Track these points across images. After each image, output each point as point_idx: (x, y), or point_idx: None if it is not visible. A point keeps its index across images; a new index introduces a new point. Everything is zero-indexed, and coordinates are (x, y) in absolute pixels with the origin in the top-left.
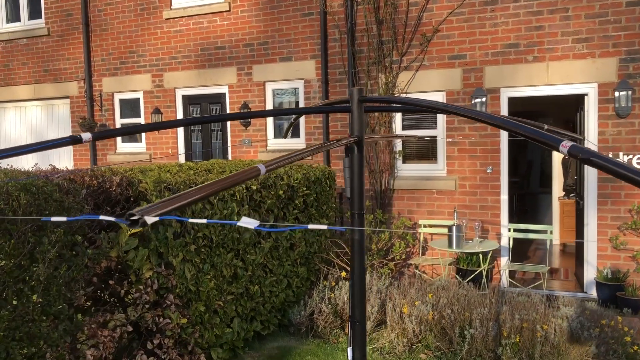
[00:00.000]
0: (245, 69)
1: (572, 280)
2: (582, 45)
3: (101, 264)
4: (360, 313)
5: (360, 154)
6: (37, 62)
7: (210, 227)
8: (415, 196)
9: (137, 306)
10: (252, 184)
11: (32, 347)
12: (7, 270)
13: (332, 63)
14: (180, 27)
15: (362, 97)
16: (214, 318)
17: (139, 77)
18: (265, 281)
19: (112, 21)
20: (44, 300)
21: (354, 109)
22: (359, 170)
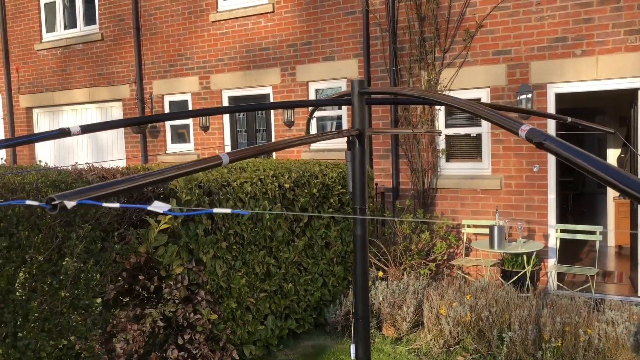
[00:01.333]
0: (289, 70)
1: (627, 284)
2: (635, 37)
3: (130, 259)
4: (363, 309)
5: (362, 147)
6: (92, 66)
7: (241, 225)
8: (459, 196)
9: (168, 301)
10: (285, 183)
11: (61, 339)
12: (37, 264)
13: (373, 61)
14: (226, 29)
15: (362, 90)
16: (246, 315)
17: (187, 79)
18: (300, 279)
19: (162, 25)
20: (73, 293)
21: (354, 101)
22: (360, 164)
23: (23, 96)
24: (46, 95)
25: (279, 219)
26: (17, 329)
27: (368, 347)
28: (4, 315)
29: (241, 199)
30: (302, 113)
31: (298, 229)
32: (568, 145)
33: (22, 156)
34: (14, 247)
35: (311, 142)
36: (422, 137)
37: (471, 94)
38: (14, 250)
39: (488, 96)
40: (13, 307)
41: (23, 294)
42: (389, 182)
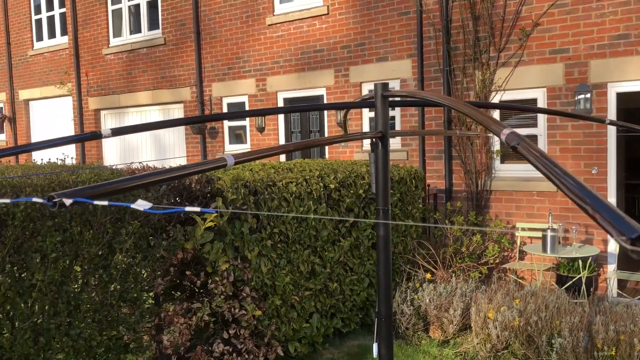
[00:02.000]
0: (342, 71)
1: None
2: None
3: (177, 255)
4: (386, 309)
5: (384, 149)
6: (155, 69)
7: (286, 224)
8: (514, 198)
9: (214, 297)
10: (331, 183)
11: (111, 329)
12: (89, 258)
13: (427, 61)
14: (282, 32)
15: (385, 92)
16: (290, 312)
17: (244, 81)
18: (346, 279)
19: (221, 29)
20: (122, 287)
21: (377, 104)
22: (383, 165)
23: (92, 98)
24: (113, 98)
25: (324, 219)
26: (70, 318)
27: (391, 347)
28: (58, 305)
29: (286, 198)
30: (355, 114)
31: (344, 229)
32: (532, 151)
33: (90, 156)
34: (68, 242)
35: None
36: (476, 138)
37: (526, 94)
38: (68, 244)
39: (544, 96)
40: (67, 298)
41: (76, 286)
42: (442, 184)
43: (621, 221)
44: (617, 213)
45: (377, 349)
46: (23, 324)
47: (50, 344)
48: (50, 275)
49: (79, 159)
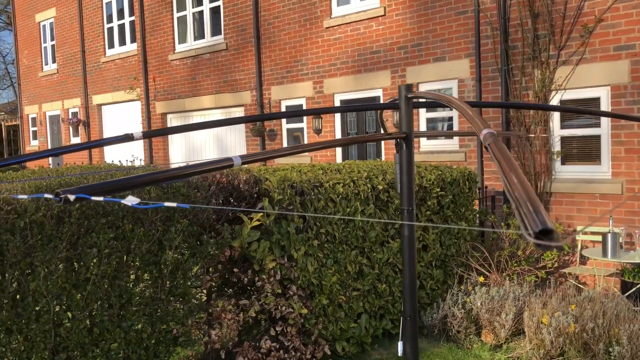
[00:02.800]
0: (399, 72)
1: None
2: None
3: (225, 253)
4: (411, 308)
5: (409, 150)
6: (218, 74)
7: (333, 224)
8: (575, 200)
9: (261, 294)
10: (379, 184)
11: (161, 323)
12: (140, 254)
13: (484, 61)
14: (339, 34)
15: (409, 94)
16: (338, 312)
17: (302, 84)
18: (395, 281)
19: (279, 33)
20: (172, 282)
21: (401, 105)
22: (407, 166)
23: (159, 103)
24: (178, 102)
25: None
26: (123, 311)
27: (416, 345)
28: (110, 298)
29: (332, 199)
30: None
31: (392, 230)
32: (498, 151)
33: (158, 157)
34: (120, 239)
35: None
36: (536, 139)
37: (588, 93)
38: (120, 241)
39: (608, 95)
40: (119, 292)
41: (128, 280)
42: (500, 185)
43: (532, 216)
44: (531, 208)
45: (402, 347)
46: (79, 315)
47: (104, 335)
48: (104, 269)
49: (147, 160)
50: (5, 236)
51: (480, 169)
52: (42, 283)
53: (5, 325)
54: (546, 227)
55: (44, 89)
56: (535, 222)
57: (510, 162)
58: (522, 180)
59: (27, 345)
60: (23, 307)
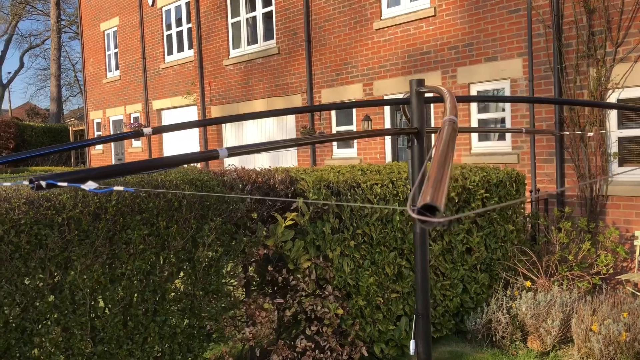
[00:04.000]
0: (450, 72)
1: None
2: None
3: (259, 252)
4: (423, 306)
5: (420, 146)
6: (270, 78)
7: (370, 225)
8: (634, 204)
9: (296, 293)
10: None
11: (194, 318)
12: (174, 250)
13: (536, 60)
14: (389, 36)
15: (420, 89)
16: (376, 314)
17: (351, 87)
18: (437, 284)
19: (330, 36)
20: (205, 279)
21: (412, 100)
22: (419, 162)
23: (214, 107)
24: (232, 106)
25: (411, 221)
26: (157, 306)
27: (429, 344)
28: (145, 293)
29: (370, 200)
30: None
31: (434, 232)
32: (445, 133)
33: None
34: (154, 235)
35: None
36: (591, 140)
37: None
38: (154, 237)
39: None
40: (153, 287)
41: (162, 276)
42: (553, 188)
43: (428, 192)
44: (432, 186)
45: (414, 346)
46: (114, 308)
47: (139, 328)
48: (138, 265)
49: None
50: (44, 231)
51: (533, 171)
52: (78, 276)
53: (43, 315)
54: (432, 204)
55: (107, 95)
56: (425, 198)
57: (447, 145)
58: (444, 162)
59: (65, 335)
60: (61, 299)
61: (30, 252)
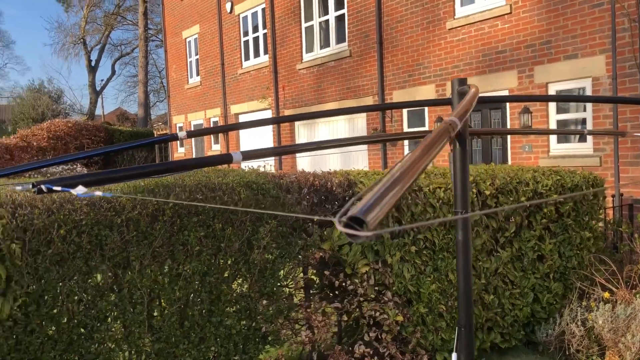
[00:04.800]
0: (526, 71)
1: None
2: None
3: (315, 255)
4: (465, 318)
5: (462, 148)
6: (342, 81)
7: (432, 230)
8: None
9: (353, 298)
10: (486, 189)
11: (249, 320)
12: (229, 252)
13: (620, 56)
14: (462, 35)
15: (461, 89)
16: (438, 321)
17: (423, 88)
18: (505, 292)
19: (402, 37)
20: (260, 281)
21: (454, 101)
22: (461, 165)
23: (287, 111)
24: (305, 110)
25: (477, 227)
26: (213, 307)
27: (471, 357)
28: (201, 294)
29: (432, 204)
30: (540, 116)
31: (502, 238)
32: (430, 137)
33: (286, 164)
34: (210, 237)
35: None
36: None
37: None
38: (210, 239)
39: None
40: (209, 288)
41: (218, 277)
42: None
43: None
44: (372, 197)
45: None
46: (170, 308)
47: (194, 328)
48: (195, 266)
49: (277, 166)
50: (104, 232)
51: (616, 175)
52: (136, 276)
53: (104, 313)
54: (359, 216)
55: (189, 100)
56: (356, 209)
57: (424, 150)
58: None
59: (124, 333)
60: (120, 297)
61: (90, 251)
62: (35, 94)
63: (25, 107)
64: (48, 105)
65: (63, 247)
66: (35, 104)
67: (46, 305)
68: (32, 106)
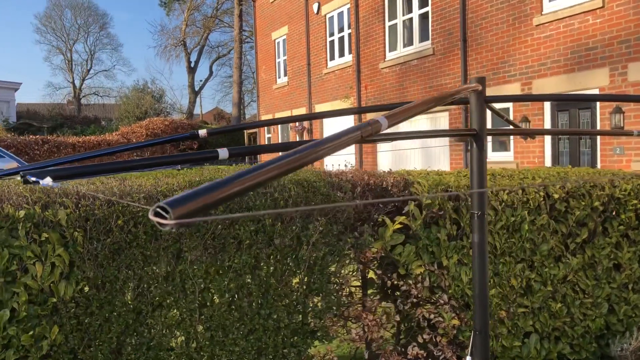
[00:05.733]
0: (619, 69)
1: None
2: None
3: (366, 254)
4: (481, 323)
5: (479, 149)
6: (424, 79)
7: (494, 234)
8: None
9: (407, 299)
10: (554, 192)
11: (298, 314)
12: (279, 247)
13: None
14: (550, 31)
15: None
16: (499, 327)
17: (508, 86)
18: (575, 301)
19: (486, 34)
20: (309, 277)
21: (471, 99)
22: (478, 166)
23: None
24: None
25: (544, 232)
26: (261, 299)
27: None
28: (250, 286)
29: (494, 207)
30: (635, 117)
31: (573, 244)
32: (338, 133)
33: (367, 162)
34: (260, 232)
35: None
36: None
37: None
38: (260, 234)
39: None
40: (258, 281)
41: (267, 271)
42: None
43: (182, 195)
44: (194, 189)
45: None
46: (221, 299)
47: (243, 320)
48: (245, 259)
49: (357, 166)
50: None
51: None
52: (188, 266)
53: (157, 300)
54: (164, 205)
55: (276, 100)
56: (170, 201)
57: (312, 147)
58: (242, 174)
59: (175, 320)
60: (173, 286)
61: (146, 241)
62: (139, 93)
63: (130, 106)
64: (151, 104)
65: (121, 236)
66: (139, 103)
67: (105, 290)
68: (137, 105)
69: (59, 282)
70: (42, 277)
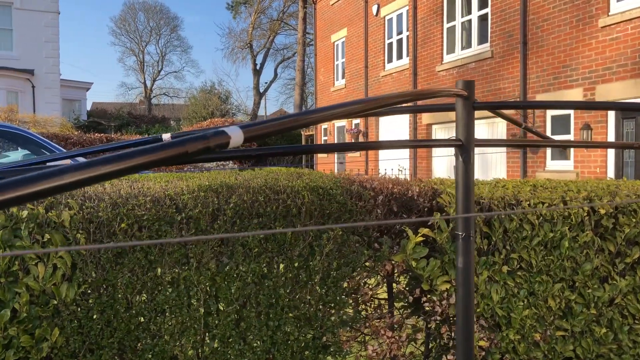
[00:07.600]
0: None
1: None
2: None
3: (385, 267)
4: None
5: (465, 160)
6: (482, 83)
7: (530, 250)
8: None
9: (430, 317)
10: (601, 208)
11: (309, 328)
12: (290, 257)
13: None
14: (617, 34)
15: None
16: (533, 351)
17: (570, 92)
18: (624, 327)
19: (548, 37)
20: (321, 289)
21: (457, 107)
22: (464, 180)
23: (425, 114)
24: (444, 113)
25: (588, 250)
26: (270, 310)
27: None
28: (258, 296)
29: (530, 221)
30: None
31: (622, 264)
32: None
33: (421, 168)
34: (271, 240)
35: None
36: None
37: None
38: (271, 242)
39: None
40: (267, 292)
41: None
42: None
43: None
44: None
45: None
46: (227, 308)
47: (251, 330)
48: (253, 268)
49: (411, 171)
50: (165, 228)
51: None
52: (193, 273)
53: (161, 306)
54: None
55: (334, 102)
56: None
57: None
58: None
59: (179, 327)
60: (178, 292)
61: (150, 246)
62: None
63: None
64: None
65: (124, 240)
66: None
67: (107, 294)
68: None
69: (61, 284)
70: (44, 279)
